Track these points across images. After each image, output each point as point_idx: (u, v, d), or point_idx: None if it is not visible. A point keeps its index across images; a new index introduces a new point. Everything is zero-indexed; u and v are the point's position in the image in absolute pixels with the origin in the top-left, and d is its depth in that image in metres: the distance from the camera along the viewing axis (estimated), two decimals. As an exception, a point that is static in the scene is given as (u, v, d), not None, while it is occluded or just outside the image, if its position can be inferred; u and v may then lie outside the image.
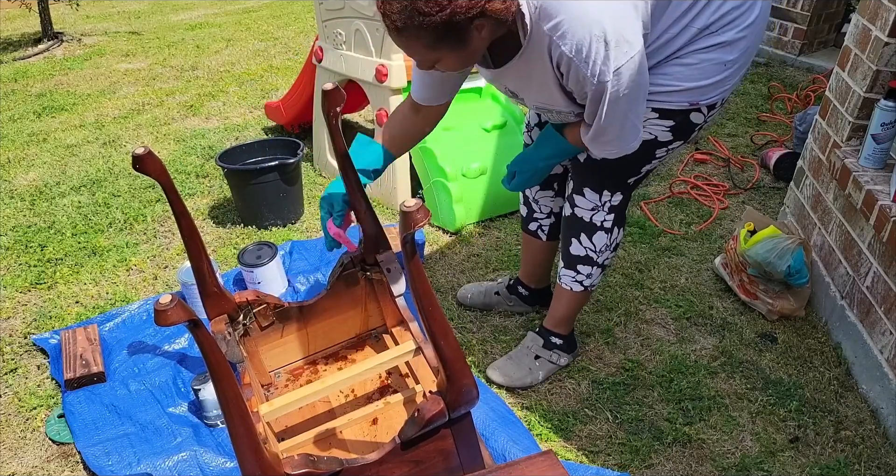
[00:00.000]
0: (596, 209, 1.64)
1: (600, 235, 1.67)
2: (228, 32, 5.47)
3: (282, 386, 1.58)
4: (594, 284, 1.76)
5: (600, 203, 1.63)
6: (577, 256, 1.71)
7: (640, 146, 1.49)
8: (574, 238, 1.70)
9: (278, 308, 1.51)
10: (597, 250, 1.69)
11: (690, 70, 1.42)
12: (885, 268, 1.72)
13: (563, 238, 1.73)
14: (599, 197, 1.62)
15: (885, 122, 1.76)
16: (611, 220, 1.65)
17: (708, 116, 1.51)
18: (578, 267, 1.72)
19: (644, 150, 1.52)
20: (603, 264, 1.73)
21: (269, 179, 2.43)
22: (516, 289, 2.05)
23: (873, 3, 1.87)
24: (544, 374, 1.82)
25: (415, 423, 1.18)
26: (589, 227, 1.67)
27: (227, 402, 1.03)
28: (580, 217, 1.67)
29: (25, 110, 3.79)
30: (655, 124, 1.50)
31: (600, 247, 1.69)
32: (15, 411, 1.78)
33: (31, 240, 2.50)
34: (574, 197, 1.65)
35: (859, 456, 1.60)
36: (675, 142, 1.54)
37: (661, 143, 1.54)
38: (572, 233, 1.70)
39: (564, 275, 1.76)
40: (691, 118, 1.49)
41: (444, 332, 1.12)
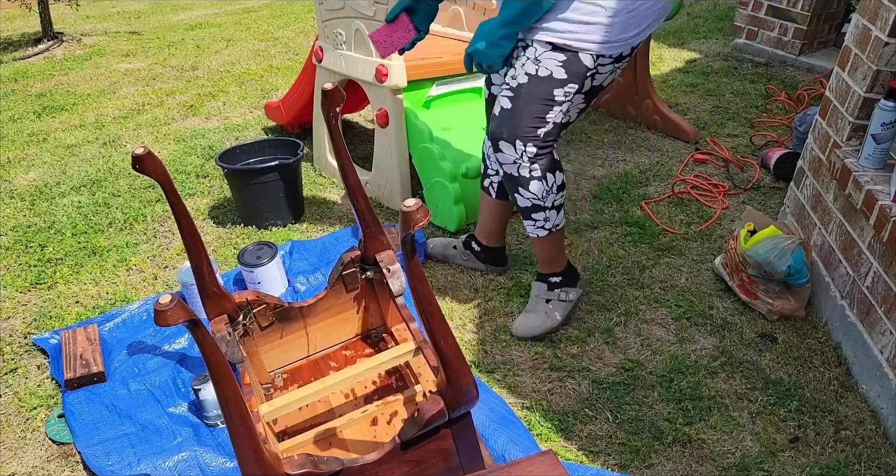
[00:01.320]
0: (517, 162, 1.75)
1: (535, 185, 1.77)
2: (228, 32, 5.47)
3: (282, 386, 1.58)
4: (558, 224, 1.87)
5: (518, 155, 1.74)
6: (527, 208, 1.83)
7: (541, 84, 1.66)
8: (515, 193, 1.82)
9: (278, 308, 1.51)
10: (540, 197, 1.80)
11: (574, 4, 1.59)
12: (885, 268, 1.72)
13: (510, 194, 1.85)
14: (514, 148, 1.73)
15: (885, 122, 1.76)
16: (537, 168, 1.75)
17: (597, 64, 1.65)
18: (533, 216, 1.85)
19: (544, 90, 1.67)
20: (554, 205, 1.83)
21: (269, 179, 2.43)
22: (470, 244, 2.22)
23: (873, 3, 1.87)
24: (561, 313, 1.94)
25: (415, 423, 1.18)
26: (520, 180, 1.78)
27: (227, 402, 1.03)
28: (509, 173, 1.79)
29: (25, 110, 3.79)
30: (549, 58, 1.65)
31: (541, 194, 1.79)
32: (15, 411, 1.78)
33: (31, 240, 2.50)
34: (496, 155, 1.77)
35: (859, 456, 1.60)
36: (570, 83, 1.66)
37: (556, 82, 1.66)
38: (512, 188, 1.82)
39: (527, 225, 1.89)
40: (581, 59, 1.64)
41: (444, 333, 1.12)
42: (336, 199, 2.76)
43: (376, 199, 2.69)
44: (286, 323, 1.55)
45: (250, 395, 1.28)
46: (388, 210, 2.64)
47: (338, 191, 2.82)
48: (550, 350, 1.93)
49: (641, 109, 3.27)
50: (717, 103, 3.55)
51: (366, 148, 3.12)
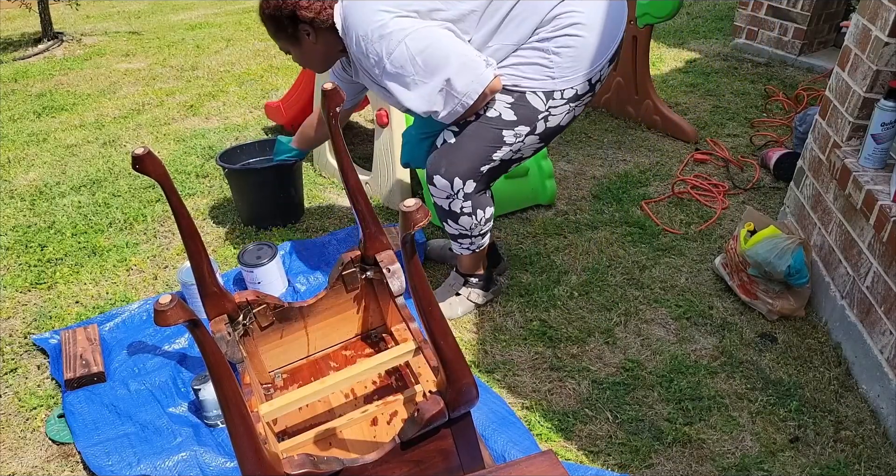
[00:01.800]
0: (451, 197, 1.75)
1: (465, 219, 1.80)
2: (228, 32, 5.46)
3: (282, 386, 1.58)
4: (482, 245, 1.93)
5: (453, 191, 1.73)
6: (455, 234, 1.87)
7: (488, 125, 1.67)
8: (444, 222, 1.85)
9: (278, 308, 1.51)
10: (468, 229, 1.84)
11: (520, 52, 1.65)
12: (885, 268, 1.72)
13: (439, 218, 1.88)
14: (451, 185, 1.72)
15: (885, 122, 1.76)
16: (469, 205, 1.77)
17: (548, 106, 1.67)
18: (459, 241, 1.90)
19: (492, 131, 1.68)
20: (483, 233, 1.88)
21: (269, 179, 2.42)
22: None
23: (873, 3, 1.87)
24: (463, 310, 2.02)
25: (415, 422, 1.18)
26: (451, 213, 1.79)
27: (227, 402, 1.03)
28: (440, 205, 1.79)
29: (25, 110, 3.79)
30: (497, 100, 1.66)
31: (469, 226, 1.83)
32: (15, 411, 1.78)
33: (31, 240, 2.50)
34: (429, 187, 1.77)
35: (859, 456, 1.60)
36: (521, 125, 1.67)
37: (506, 123, 1.67)
38: (441, 217, 1.84)
39: (453, 245, 1.95)
40: (528, 99, 1.66)
41: (444, 332, 1.12)
42: (336, 199, 2.76)
43: (376, 199, 2.69)
44: (286, 323, 1.55)
45: (250, 395, 1.28)
46: (388, 210, 2.64)
47: (338, 191, 2.82)
48: (550, 350, 1.93)
49: (641, 109, 3.27)
50: (717, 103, 3.55)
51: (366, 148, 3.12)
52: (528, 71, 1.65)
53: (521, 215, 2.57)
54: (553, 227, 2.50)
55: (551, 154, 3.01)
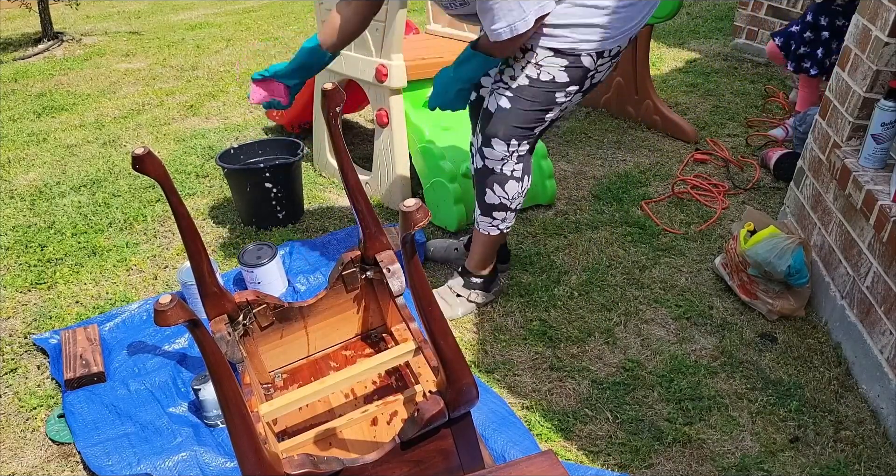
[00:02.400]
0: (504, 159, 1.78)
1: (512, 184, 1.82)
2: (228, 32, 5.47)
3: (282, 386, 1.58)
4: (509, 226, 1.94)
5: (508, 152, 1.76)
6: (492, 204, 1.86)
7: (542, 88, 1.68)
8: (488, 188, 1.84)
9: (278, 308, 1.51)
10: (510, 198, 1.85)
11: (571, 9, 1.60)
12: (885, 268, 1.72)
13: (478, 188, 1.87)
14: (507, 147, 1.75)
15: (885, 122, 1.76)
16: (520, 169, 1.80)
17: (598, 65, 1.69)
18: (494, 213, 1.88)
19: (546, 94, 1.69)
20: (516, 209, 1.89)
21: (269, 179, 2.43)
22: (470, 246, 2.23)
23: (873, 3, 1.87)
24: (463, 311, 2.02)
25: (415, 422, 1.18)
26: (501, 177, 1.81)
27: (228, 401, 1.03)
28: (491, 168, 1.80)
29: (25, 110, 3.79)
30: (552, 63, 1.66)
31: (513, 194, 1.84)
32: (15, 411, 1.78)
33: (31, 240, 2.50)
34: (483, 149, 1.79)
35: (859, 456, 1.60)
36: (572, 85, 1.69)
37: (559, 85, 1.69)
38: (486, 183, 1.84)
39: (482, 221, 1.92)
40: (582, 60, 1.66)
41: (444, 332, 1.12)
42: (336, 199, 2.76)
43: (376, 199, 2.69)
44: (286, 323, 1.55)
45: (250, 395, 1.28)
46: (389, 210, 2.64)
47: (338, 191, 2.82)
48: (550, 350, 1.93)
49: (641, 109, 3.27)
50: (717, 103, 3.55)
51: (366, 148, 3.12)
52: (586, 33, 1.63)
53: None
54: (553, 227, 2.51)
55: (551, 154, 3.01)
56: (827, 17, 2.80)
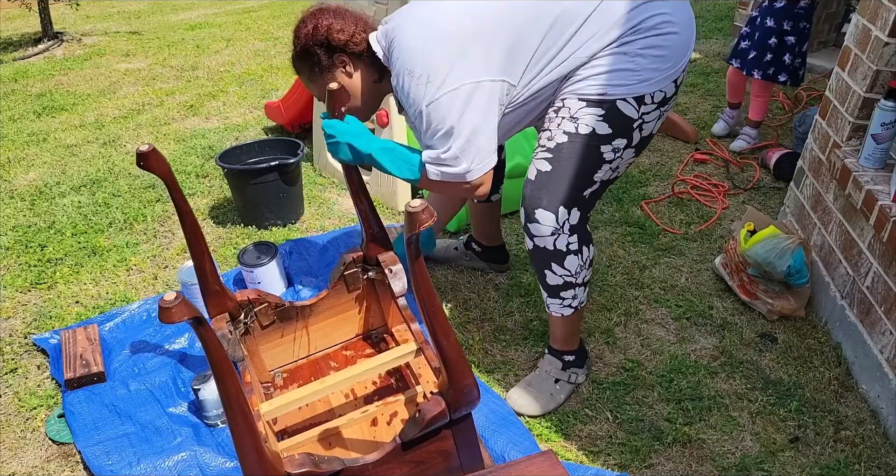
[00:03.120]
0: (556, 233, 1.55)
1: (571, 260, 1.59)
2: (228, 32, 5.47)
3: (282, 385, 1.58)
4: (583, 301, 1.70)
5: (559, 224, 1.54)
6: (557, 285, 1.64)
7: (583, 142, 1.51)
8: (546, 270, 1.62)
9: (279, 307, 1.52)
10: (573, 274, 1.61)
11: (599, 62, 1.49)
12: (885, 268, 1.72)
13: (536, 270, 1.66)
14: (556, 217, 1.53)
15: (885, 122, 1.76)
16: (575, 241, 1.57)
17: (641, 113, 1.52)
18: (562, 294, 1.66)
19: (589, 149, 1.51)
20: (585, 283, 1.66)
21: (269, 179, 2.43)
22: (471, 245, 2.23)
23: (873, 3, 1.87)
24: (565, 395, 1.76)
25: (416, 423, 1.18)
26: (556, 254, 1.58)
27: (230, 399, 1.03)
28: (543, 247, 1.58)
29: (25, 110, 3.79)
30: (587, 114, 1.50)
31: (575, 269, 1.61)
32: (15, 411, 1.78)
33: (31, 240, 2.50)
34: (528, 226, 1.57)
35: (859, 456, 1.61)
36: (617, 138, 1.52)
37: (602, 138, 1.51)
38: (542, 264, 1.62)
39: (551, 304, 1.69)
40: (620, 108, 1.50)
41: (446, 333, 1.12)
42: (336, 199, 2.76)
43: (377, 199, 2.69)
44: (287, 322, 1.55)
45: (250, 394, 1.28)
46: (389, 210, 2.64)
47: (338, 191, 2.82)
48: (551, 350, 1.93)
49: (641, 110, 3.27)
50: (717, 103, 3.55)
51: (366, 148, 3.12)
52: (613, 78, 1.49)
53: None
54: (553, 227, 2.50)
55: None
56: (791, 21, 2.78)
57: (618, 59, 1.48)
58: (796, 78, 2.87)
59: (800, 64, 2.86)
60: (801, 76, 2.89)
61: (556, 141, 1.52)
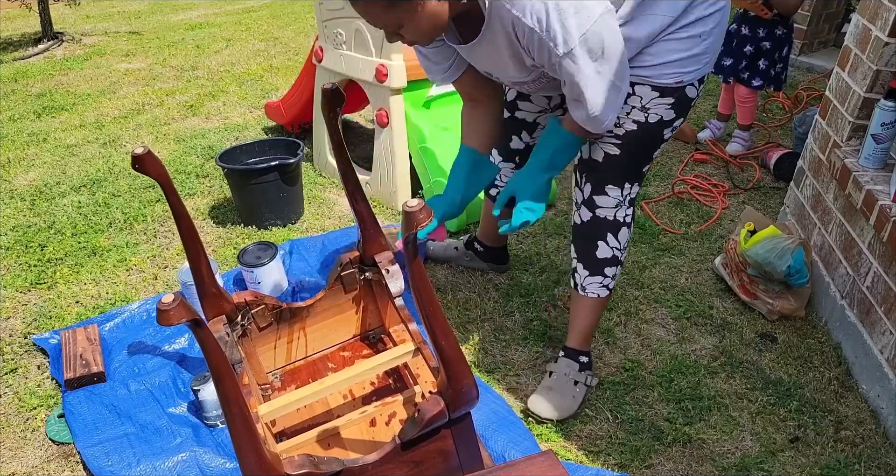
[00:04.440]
0: (619, 205, 1.63)
1: (624, 231, 1.67)
2: (228, 32, 5.47)
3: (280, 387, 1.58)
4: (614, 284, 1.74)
5: (622, 197, 1.63)
6: (605, 259, 1.68)
7: (651, 130, 1.55)
8: (600, 241, 1.66)
9: (276, 309, 1.51)
10: (622, 247, 1.68)
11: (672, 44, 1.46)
12: (885, 268, 1.72)
13: (585, 244, 1.68)
14: (621, 191, 1.62)
15: (885, 121, 1.76)
16: (630, 213, 1.66)
17: (699, 90, 1.56)
18: (606, 270, 1.69)
19: (654, 134, 1.56)
20: (623, 261, 1.73)
21: (269, 179, 2.43)
22: (473, 245, 2.21)
23: (873, 3, 1.87)
24: (582, 399, 1.74)
25: (415, 423, 1.18)
26: (614, 225, 1.65)
27: (229, 401, 1.03)
28: (603, 217, 1.64)
29: (25, 110, 3.79)
30: (658, 104, 1.52)
31: (624, 243, 1.68)
32: (15, 411, 1.78)
33: (31, 240, 2.50)
34: (594, 198, 1.62)
35: (859, 456, 1.60)
36: (678, 119, 1.57)
37: (668, 123, 1.56)
38: (598, 236, 1.66)
39: (590, 283, 1.70)
40: (687, 93, 1.53)
41: (445, 333, 1.11)
42: (336, 199, 2.76)
43: (376, 199, 2.69)
44: (284, 324, 1.55)
45: (249, 396, 1.28)
46: (389, 210, 2.64)
47: (338, 191, 2.82)
48: (550, 350, 1.93)
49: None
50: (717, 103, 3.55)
51: (366, 148, 3.12)
52: (688, 63, 1.48)
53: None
54: (553, 227, 2.50)
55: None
56: (765, 28, 2.78)
57: (691, 44, 1.46)
58: (779, 82, 2.87)
59: (780, 69, 2.86)
60: (783, 79, 2.89)
61: (625, 128, 1.55)
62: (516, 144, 1.90)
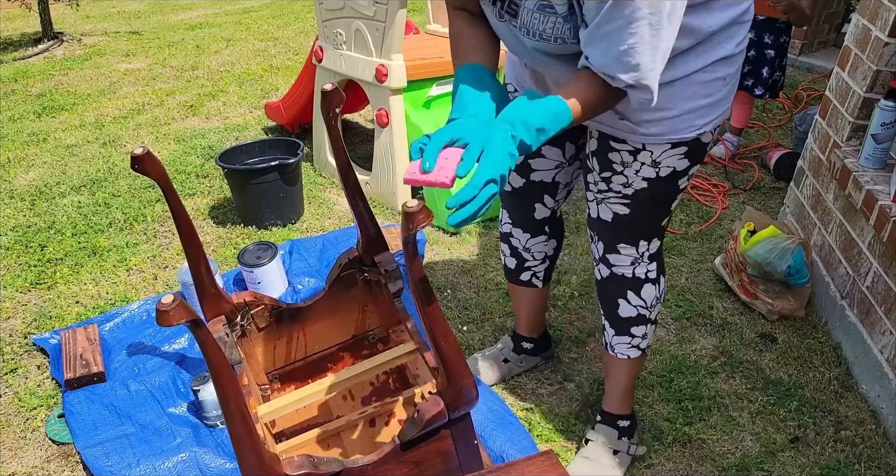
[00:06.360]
0: (636, 262, 1.48)
1: (649, 288, 1.50)
2: (228, 32, 5.47)
3: (279, 387, 1.58)
4: (650, 344, 1.58)
5: (638, 254, 1.47)
6: (629, 318, 1.52)
7: (664, 184, 1.36)
8: (620, 299, 1.51)
9: (276, 309, 1.51)
10: (648, 306, 1.51)
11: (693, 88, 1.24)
12: (885, 268, 1.72)
13: (607, 302, 1.54)
14: (636, 249, 1.46)
15: (885, 121, 1.76)
16: (654, 269, 1.49)
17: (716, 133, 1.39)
18: (633, 330, 1.53)
19: (668, 188, 1.38)
20: (656, 320, 1.56)
21: (269, 179, 2.43)
22: (521, 347, 1.86)
23: (873, 3, 1.87)
24: (624, 470, 1.58)
25: (415, 423, 1.18)
26: (635, 282, 1.49)
27: (228, 402, 1.02)
28: (621, 274, 1.49)
29: (25, 110, 3.79)
30: (671, 155, 1.32)
31: (651, 301, 1.51)
32: (15, 411, 1.78)
33: (31, 240, 2.50)
34: (608, 257, 1.48)
35: (859, 456, 1.60)
36: (693, 166, 1.38)
37: (682, 173, 1.36)
38: (617, 293, 1.51)
39: (618, 343, 1.55)
40: (701, 139, 1.33)
41: (445, 333, 1.11)
42: (336, 199, 2.76)
43: (376, 199, 2.69)
44: (284, 324, 1.55)
45: (248, 397, 1.28)
46: (389, 210, 2.64)
47: (338, 191, 2.82)
48: (550, 350, 1.93)
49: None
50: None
51: (366, 148, 3.12)
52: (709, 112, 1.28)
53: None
54: (553, 227, 2.50)
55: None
56: (772, 35, 2.77)
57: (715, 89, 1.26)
58: (774, 90, 2.87)
59: (779, 77, 2.86)
60: (779, 87, 2.89)
61: (635, 188, 1.37)
62: (541, 213, 1.63)
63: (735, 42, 1.24)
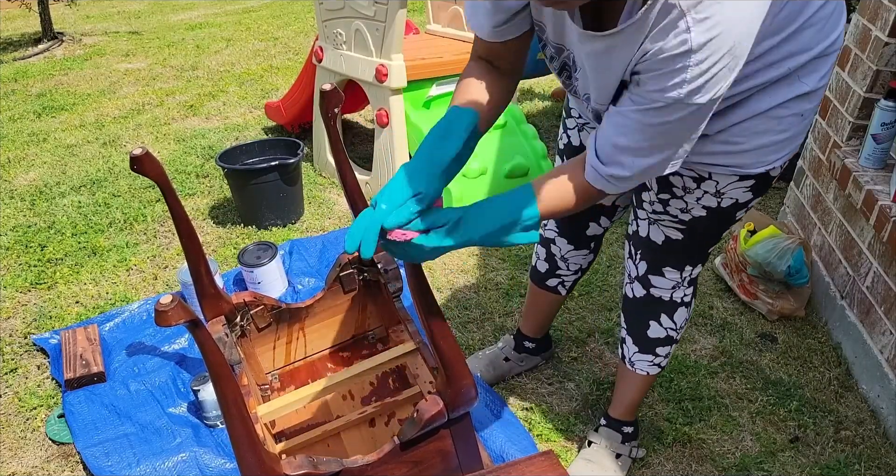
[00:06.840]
0: (677, 287, 1.45)
1: (682, 312, 1.48)
2: (228, 32, 5.47)
3: (279, 387, 1.58)
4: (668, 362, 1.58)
5: (681, 279, 1.44)
6: (657, 339, 1.51)
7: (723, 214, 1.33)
8: (652, 320, 1.49)
9: (275, 309, 1.51)
10: (677, 328, 1.50)
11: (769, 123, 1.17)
12: (885, 268, 1.72)
13: (636, 321, 1.51)
14: (681, 274, 1.43)
15: (885, 121, 1.76)
16: (690, 293, 1.47)
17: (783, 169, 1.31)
18: (658, 350, 1.52)
19: (725, 217, 1.34)
20: (678, 340, 1.54)
21: (269, 179, 2.43)
22: (523, 346, 1.86)
23: (873, 3, 1.87)
24: (624, 473, 1.59)
25: (414, 423, 1.18)
26: (670, 305, 1.47)
27: (228, 402, 1.03)
28: (658, 297, 1.47)
29: (25, 110, 3.79)
30: (736, 188, 1.27)
31: (681, 323, 1.49)
32: (15, 411, 1.78)
33: (31, 240, 2.50)
34: (650, 278, 1.45)
35: (859, 456, 1.60)
36: (755, 200, 1.33)
37: (741, 205, 1.32)
38: (650, 315, 1.49)
39: (639, 360, 1.54)
40: (770, 173, 1.27)
41: (444, 333, 1.11)
42: (336, 199, 2.76)
43: (376, 199, 2.68)
44: (283, 324, 1.55)
45: (248, 397, 1.28)
46: (388, 210, 2.63)
47: (338, 191, 2.82)
48: (550, 350, 1.93)
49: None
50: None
51: (366, 148, 3.12)
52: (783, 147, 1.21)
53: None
54: (553, 226, 2.50)
55: (551, 154, 3.01)
56: None
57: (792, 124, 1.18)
58: None
59: None
60: None
61: (693, 214, 1.33)
62: (593, 231, 1.63)
63: (818, 76, 1.15)
